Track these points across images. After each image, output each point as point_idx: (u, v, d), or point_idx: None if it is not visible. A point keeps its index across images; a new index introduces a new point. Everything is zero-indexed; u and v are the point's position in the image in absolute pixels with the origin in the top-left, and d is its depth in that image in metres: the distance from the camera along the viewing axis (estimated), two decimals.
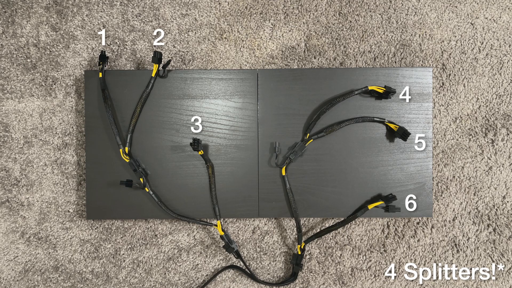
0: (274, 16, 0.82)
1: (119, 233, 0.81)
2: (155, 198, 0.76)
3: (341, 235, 0.81)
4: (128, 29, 0.81)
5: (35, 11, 0.81)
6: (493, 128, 0.81)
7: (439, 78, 0.82)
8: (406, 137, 0.74)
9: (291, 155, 0.75)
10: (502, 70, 0.82)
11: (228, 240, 0.77)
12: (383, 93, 0.75)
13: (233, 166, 0.78)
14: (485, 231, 0.81)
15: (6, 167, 0.81)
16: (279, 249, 0.81)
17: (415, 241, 0.81)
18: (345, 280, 0.81)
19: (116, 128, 0.76)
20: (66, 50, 0.81)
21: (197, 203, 0.78)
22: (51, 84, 0.81)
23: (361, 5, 0.82)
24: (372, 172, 0.78)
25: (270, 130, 0.78)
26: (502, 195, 0.81)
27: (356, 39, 0.82)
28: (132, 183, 0.75)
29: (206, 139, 0.78)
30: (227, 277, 0.81)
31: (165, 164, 0.77)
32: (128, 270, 0.81)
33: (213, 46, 0.82)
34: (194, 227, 0.81)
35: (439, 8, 0.82)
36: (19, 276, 0.81)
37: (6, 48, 0.81)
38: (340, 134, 0.78)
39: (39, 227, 0.81)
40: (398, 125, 0.76)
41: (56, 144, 0.81)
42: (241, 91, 0.78)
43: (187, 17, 0.82)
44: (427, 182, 0.78)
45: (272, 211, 0.78)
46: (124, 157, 0.75)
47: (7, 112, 0.81)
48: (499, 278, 0.81)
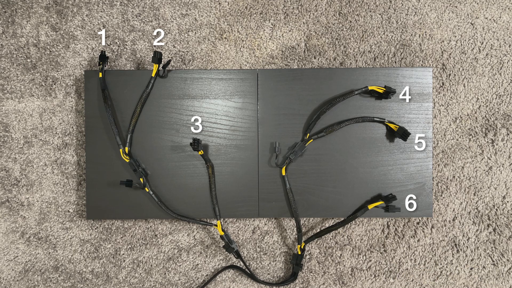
0: (274, 16, 0.82)
1: (119, 233, 0.81)
2: (155, 198, 0.76)
3: (341, 235, 0.81)
4: (128, 29, 0.81)
5: (35, 11, 0.81)
6: (493, 128, 0.81)
7: (439, 78, 0.82)
8: (406, 137, 0.74)
9: (291, 155, 0.75)
10: (502, 70, 0.82)
11: (228, 240, 0.77)
12: (383, 93, 0.75)
13: (233, 166, 0.78)
14: (485, 231, 0.81)
15: (6, 167, 0.81)
16: (279, 249, 0.81)
17: (415, 241, 0.81)
18: (345, 280, 0.81)
19: (116, 128, 0.76)
20: (66, 50, 0.81)
21: (197, 203, 0.78)
22: (51, 84, 0.81)
23: (361, 5, 0.82)
24: (372, 172, 0.78)
25: (270, 130, 0.78)
26: (502, 195, 0.81)
27: (356, 39, 0.82)
28: (132, 183, 0.75)
29: (206, 139, 0.78)
30: (227, 277, 0.81)
31: (165, 164, 0.77)
32: (128, 270, 0.81)
33: (213, 46, 0.82)
34: (194, 227, 0.81)
35: (439, 8, 0.82)
36: (19, 276, 0.81)
37: (6, 48, 0.81)
38: (340, 134, 0.78)
39: (39, 227, 0.81)
40: (398, 125, 0.76)
41: (56, 144, 0.81)
42: (241, 91, 0.78)
43: (187, 17, 0.82)
44: (427, 182, 0.78)
45: (272, 211, 0.78)
46: (124, 157, 0.75)
47: (7, 112, 0.81)
48: (499, 278, 0.81)
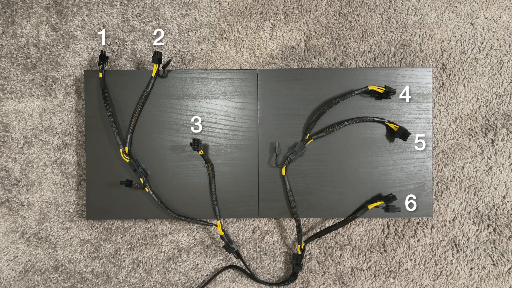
0: (274, 16, 0.82)
1: (119, 233, 0.81)
2: (155, 198, 0.76)
3: (341, 235, 0.81)
4: (128, 29, 0.81)
5: (35, 11, 0.81)
6: (493, 128, 0.81)
7: (439, 78, 0.82)
8: (406, 137, 0.74)
9: (291, 155, 0.75)
10: (502, 70, 0.82)
11: (228, 240, 0.77)
12: (383, 93, 0.75)
13: (233, 166, 0.78)
14: (485, 231, 0.81)
15: (6, 167, 0.81)
16: (279, 249, 0.81)
17: (415, 241, 0.81)
18: (345, 280, 0.81)
19: (116, 128, 0.76)
20: (66, 50, 0.81)
21: (197, 203, 0.78)
22: (51, 84, 0.81)
23: (361, 5, 0.82)
24: (372, 172, 0.78)
25: (270, 130, 0.77)
26: (502, 195, 0.81)
27: (356, 39, 0.82)
28: (132, 183, 0.75)
29: (206, 139, 0.78)
30: (227, 277, 0.81)
31: (165, 164, 0.77)
32: (128, 270, 0.81)
33: (213, 46, 0.82)
34: (194, 227, 0.81)
35: (439, 8, 0.82)
36: (19, 276, 0.81)
37: (6, 48, 0.81)
38: (340, 134, 0.78)
39: (39, 227, 0.81)
40: (398, 125, 0.76)
41: (56, 144, 0.81)
42: (241, 91, 0.78)
43: (187, 17, 0.82)
44: (427, 182, 0.78)
45: (272, 211, 0.78)
46: (124, 157, 0.75)
47: (7, 112, 0.81)
48: (499, 278, 0.81)
